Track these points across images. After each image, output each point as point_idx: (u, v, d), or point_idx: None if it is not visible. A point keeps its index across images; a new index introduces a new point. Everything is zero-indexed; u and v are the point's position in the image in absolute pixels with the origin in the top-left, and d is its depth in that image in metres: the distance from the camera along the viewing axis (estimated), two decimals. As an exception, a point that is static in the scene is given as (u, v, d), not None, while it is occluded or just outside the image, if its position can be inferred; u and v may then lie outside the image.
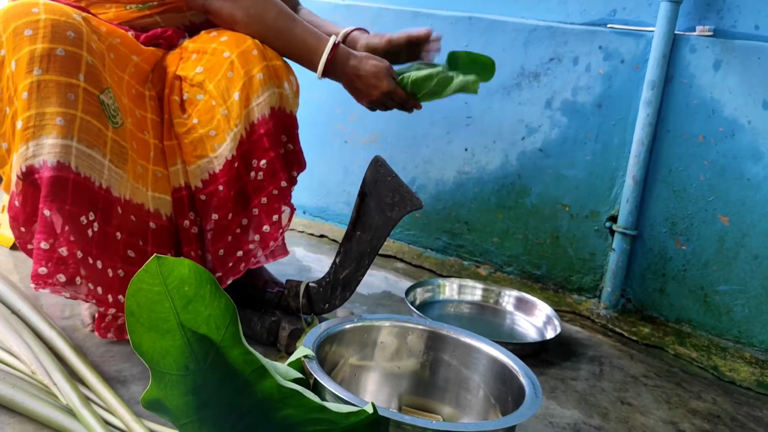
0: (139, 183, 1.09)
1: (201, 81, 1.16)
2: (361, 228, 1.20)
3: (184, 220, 1.15)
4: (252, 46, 1.16)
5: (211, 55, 1.17)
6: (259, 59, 1.15)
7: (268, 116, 1.15)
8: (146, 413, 0.93)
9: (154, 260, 0.62)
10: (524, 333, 1.53)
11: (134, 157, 1.08)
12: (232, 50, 1.15)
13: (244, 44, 1.16)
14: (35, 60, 0.96)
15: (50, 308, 1.26)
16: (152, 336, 0.65)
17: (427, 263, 1.88)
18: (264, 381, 0.70)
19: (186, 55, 1.21)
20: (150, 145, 1.14)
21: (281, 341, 1.23)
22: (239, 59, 1.14)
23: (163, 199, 1.14)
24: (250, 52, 1.15)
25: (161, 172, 1.14)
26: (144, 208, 1.10)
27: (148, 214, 1.10)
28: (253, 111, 1.14)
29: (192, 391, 0.68)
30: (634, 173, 1.55)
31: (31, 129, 0.95)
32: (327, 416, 0.73)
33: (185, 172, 1.15)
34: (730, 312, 1.49)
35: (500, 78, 1.75)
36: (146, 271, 0.62)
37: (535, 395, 0.88)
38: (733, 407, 1.28)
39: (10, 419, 0.90)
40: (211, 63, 1.16)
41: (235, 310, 0.67)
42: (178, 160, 1.15)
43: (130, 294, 0.63)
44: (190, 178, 1.15)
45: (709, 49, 1.47)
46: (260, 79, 1.14)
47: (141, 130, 1.12)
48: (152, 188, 1.12)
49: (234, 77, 1.13)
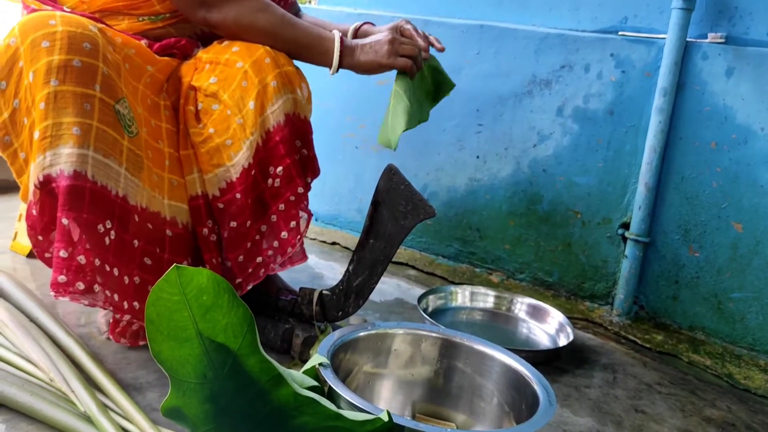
0: (155, 191, 1.10)
1: (215, 91, 1.17)
2: (374, 236, 1.21)
3: (203, 228, 1.16)
4: (264, 54, 1.17)
5: (225, 66, 1.18)
6: (272, 67, 1.16)
7: (283, 123, 1.16)
8: (163, 420, 0.94)
9: (174, 270, 0.63)
10: (537, 340, 1.53)
11: (150, 166, 1.10)
12: (245, 60, 1.16)
13: (257, 53, 1.17)
14: (52, 71, 0.97)
15: (67, 316, 1.27)
16: (171, 344, 0.66)
17: (439, 270, 1.88)
18: (280, 389, 0.71)
19: (200, 66, 1.22)
20: (165, 153, 1.15)
21: (295, 348, 1.24)
22: (252, 68, 1.15)
23: (180, 208, 1.15)
24: (263, 60, 1.16)
25: (177, 180, 1.16)
26: (161, 216, 1.11)
27: (165, 222, 1.12)
28: (268, 119, 1.15)
29: (210, 398, 0.69)
30: (647, 180, 1.55)
31: (48, 139, 0.96)
32: (342, 424, 0.74)
33: (202, 181, 1.17)
34: (744, 319, 1.48)
35: (512, 85, 1.76)
36: (166, 280, 0.63)
37: (549, 403, 0.88)
38: (748, 415, 1.28)
39: (29, 426, 0.91)
40: (224, 74, 1.17)
41: (252, 319, 0.67)
42: (194, 168, 1.17)
43: (150, 303, 0.64)
44: (207, 186, 1.16)
45: (721, 56, 1.47)
46: (274, 87, 1.15)
47: (156, 140, 1.14)
48: (168, 196, 1.13)
49: (248, 86, 1.15)
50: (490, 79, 1.79)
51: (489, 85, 1.79)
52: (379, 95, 1.97)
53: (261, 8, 1.19)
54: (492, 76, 1.78)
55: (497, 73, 1.77)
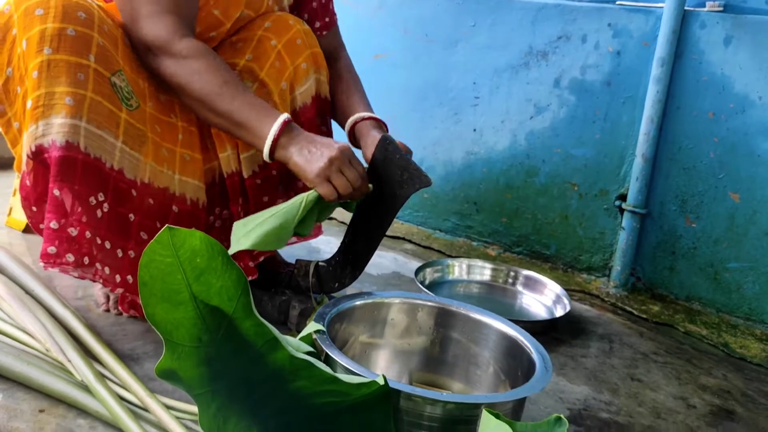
0: (163, 166, 1.09)
1: (251, 68, 1.18)
2: (370, 206, 1.20)
3: (236, 207, 1.18)
4: (296, 34, 1.20)
5: (258, 43, 1.19)
6: (303, 48, 1.20)
7: (309, 104, 1.24)
8: (160, 389, 0.95)
9: (166, 231, 0.62)
10: (534, 312, 1.53)
11: (157, 141, 1.08)
12: (279, 39, 1.19)
13: (290, 32, 1.19)
14: (45, 39, 0.96)
15: (63, 289, 1.27)
16: (165, 307, 0.65)
17: (436, 244, 1.88)
18: (276, 352, 0.71)
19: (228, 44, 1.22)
20: (178, 127, 1.13)
21: (291, 320, 1.24)
22: (285, 49, 1.18)
23: (191, 183, 1.13)
24: (295, 41, 1.19)
25: (191, 155, 1.14)
26: (168, 191, 1.10)
27: (172, 197, 1.10)
28: (296, 99, 1.22)
29: (205, 362, 0.69)
30: (644, 151, 1.55)
31: (40, 108, 0.95)
32: (339, 388, 0.74)
33: (237, 159, 1.17)
34: (740, 289, 1.48)
35: (508, 57, 1.74)
36: (158, 241, 0.62)
37: (546, 369, 0.88)
38: (744, 383, 1.28)
39: (26, 395, 0.91)
40: (258, 51, 1.19)
41: (246, 282, 0.67)
42: (227, 146, 1.16)
43: (143, 264, 0.63)
44: (244, 164, 1.17)
45: (719, 25, 1.46)
46: (304, 69, 1.20)
47: (167, 114, 1.12)
48: (180, 171, 1.11)
49: (281, 67, 1.18)
50: (486, 51, 1.77)
51: (485, 57, 1.78)
52: (375, 70, 1.96)
53: (200, 71, 1.04)
54: (488, 48, 1.77)
55: (494, 45, 1.76)
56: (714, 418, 1.13)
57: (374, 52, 1.97)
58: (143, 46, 1.06)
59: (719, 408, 1.17)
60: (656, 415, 1.12)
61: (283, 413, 0.75)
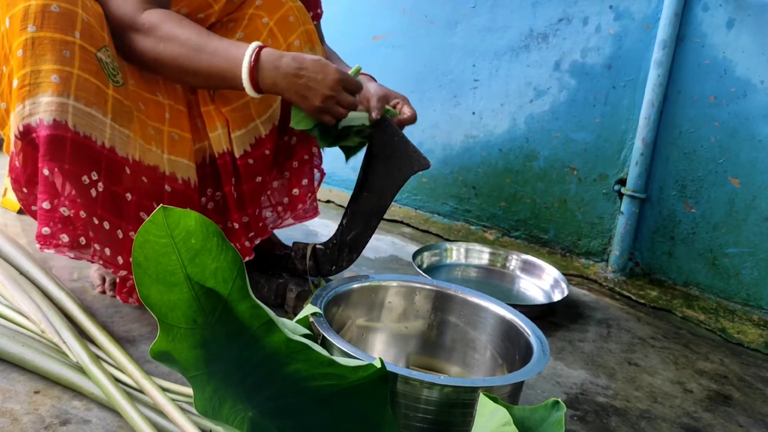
0: (151, 144, 1.07)
1: None
2: (368, 189, 1.19)
3: (229, 187, 1.16)
4: (289, 12, 1.17)
5: (249, 21, 1.17)
6: (296, 25, 1.17)
7: None
8: (156, 371, 0.94)
9: (160, 211, 0.61)
10: (531, 296, 1.53)
11: (142, 119, 1.06)
12: (270, 16, 1.16)
13: (281, 9, 1.16)
14: (29, 16, 0.94)
15: (59, 271, 1.26)
16: (160, 289, 0.64)
17: (434, 228, 1.87)
18: (272, 335, 0.70)
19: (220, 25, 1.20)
20: (164, 106, 1.11)
21: (288, 303, 1.23)
22: (277, 26, 1.16)
23: (181, 163, 1.11)
24: (287, 18, 1.16)
25: (179, 134, 1.12)
26: (159, 170, 1.08)
27: (163, 176, 1.09)
28: None
29: (201, 344, 0.68)
30: (644, 135, 1.54)
31: (26, 87, 0.94)
32: (335, 371, 0.73)
33: (228, 138, 1.14)
34: (738, 275, 1.48)
35: (508, 40, 1.73)
36: (152, 222, 0.61)
37: (543, 353, 0.88)
38: (741, 368, 1.28)
39: (21, 376, 0.91)
40: (249, 29, 1.16)
41: (242, 264, 0.66)
42: (218, 125, 1.14)
43: (137, 245, 0.62)
44: (235, 143, 1.14)
45: (722, 8, 1.44)
46: (297, 46, 1.17)
47: (152, 92, 1.10)
48: (168, 151, 1.09)
49: (273, 45, 1.15)
50: (486, 33, 1.75)
51: (485, 39, 1.76)
52: (373, 51, 1.94)
53: (164, 37, 1.01)
54: (488, 30, 1.75)
55: (493, 27, 1.74)
56: (711, 402, 1.13)
57: (372, 33, 1.95)
58: (115, 27, 1.04)
59: (716, 393, 1.17)
60: (653, 400, 1.12)
61: (279, 396, 0.75)
